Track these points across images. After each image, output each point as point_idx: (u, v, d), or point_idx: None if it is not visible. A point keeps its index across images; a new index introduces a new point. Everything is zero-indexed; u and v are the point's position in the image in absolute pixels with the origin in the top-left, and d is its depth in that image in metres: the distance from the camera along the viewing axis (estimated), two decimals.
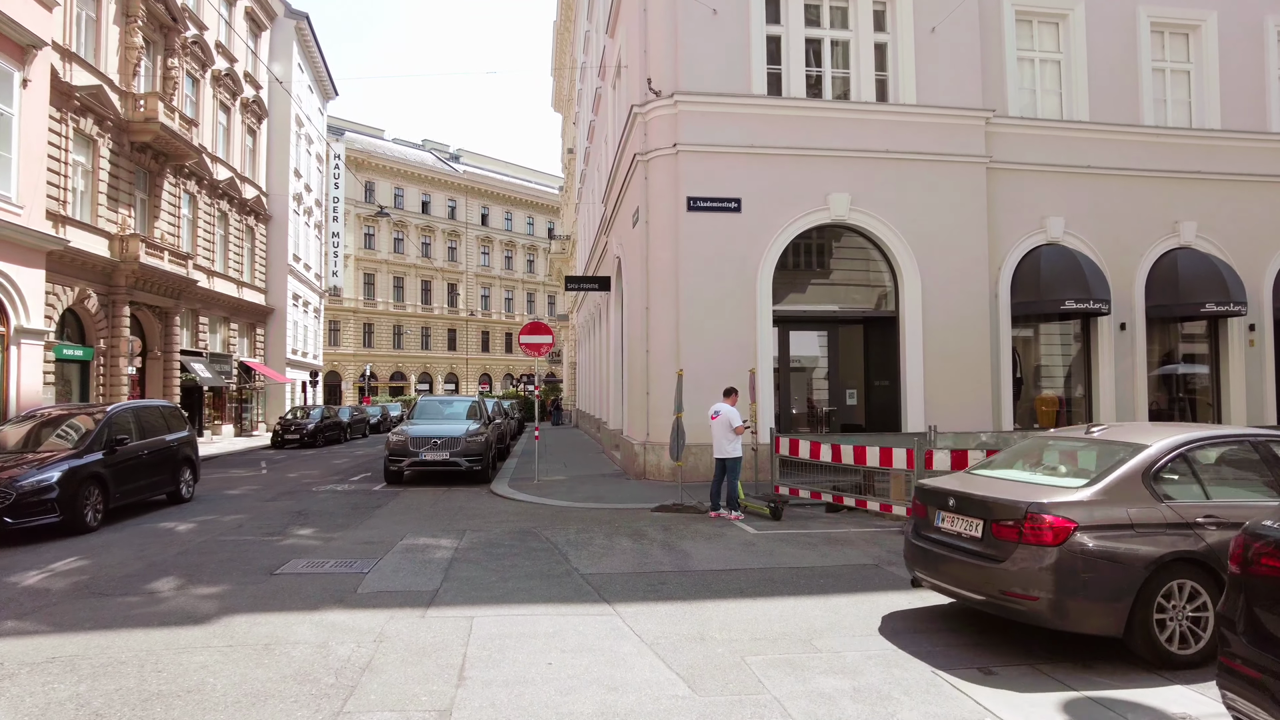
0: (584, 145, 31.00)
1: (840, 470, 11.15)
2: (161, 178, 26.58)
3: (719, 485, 10.72)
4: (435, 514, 11.17)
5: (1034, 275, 15.17)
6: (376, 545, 8.75)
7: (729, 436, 10.47)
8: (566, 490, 13.42)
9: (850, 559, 7.99)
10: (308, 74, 42.51)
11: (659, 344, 14.25)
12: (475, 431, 14.93)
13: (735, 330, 14.00)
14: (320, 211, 46.51)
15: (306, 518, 10.97)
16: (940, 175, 14.90)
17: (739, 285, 14.07)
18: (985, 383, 14.95)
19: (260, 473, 18.19)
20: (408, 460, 14.38)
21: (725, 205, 14.07)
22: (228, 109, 32.50)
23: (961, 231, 14.96)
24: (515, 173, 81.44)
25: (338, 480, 15.97)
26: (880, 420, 15.39)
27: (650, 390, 14.38)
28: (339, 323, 63.39)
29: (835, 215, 14.45)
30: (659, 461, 14.09)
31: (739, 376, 12.98)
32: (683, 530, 9.58)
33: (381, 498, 13.05)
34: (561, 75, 47.08)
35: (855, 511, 10.93)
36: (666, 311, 14.13)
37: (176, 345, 27.20)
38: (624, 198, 16.81)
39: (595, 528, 9.78)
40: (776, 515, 10.41)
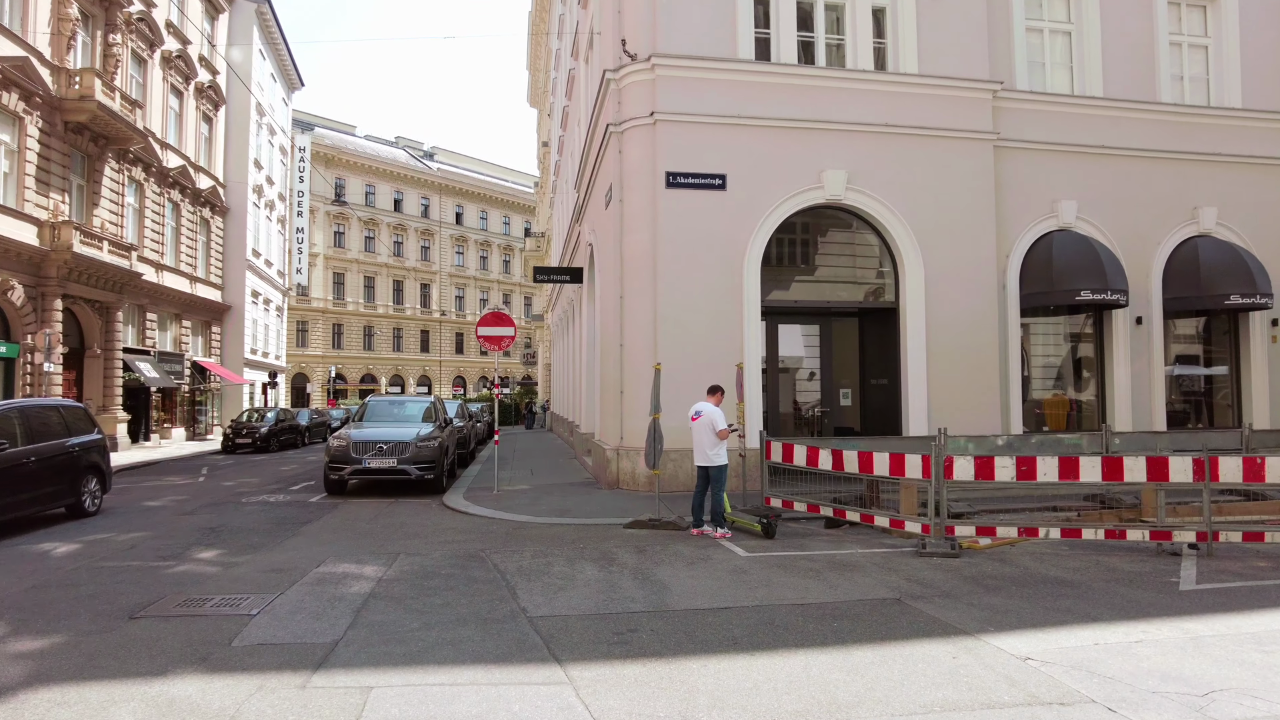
0: (558, 134, 29.45)
1: (837, 479, 9.70)
2: (102, 162, 24.68)
3: (702, 497, 9.21)
4: (370, 532, 9.56)
5: (1045, 264, 13.83)
6: (285, 574, 7.15)
7: (713, 441, 8.96)
8: (528, 502, 11.85)
9: (865, 591, 6.50)
10: (270, 62, 40.60)
11: (634, 338, 12.73)
12: (428, 436, 13.32)
13: (719, 322, 12.52)
14: (284, 206, 44.53)
15: (218, 536, 9.32)
16: (944, 153, 13.53)
17: (723, 272, 12.60)
18: (993, 381, 13.58)
19: (196, 480, 16.45)
20: (349, 468, 12.75)
21: (708, 182, 12.59)
22: (180, 93, 30.59)
23: (967, 215, 13.60)
24: (491, 171, 79.66)
25: (275, 489, 14.28)
26: (877, 422, 13.97)
27: (625, 389, 12.86)
28: (307, 323, 61.32)
29: (830, 194, 13.02)
30: (634, 469, 12.57)
31: (724, 374, 11.49)
32: (660, 552, 8.05)
33: (315, 511, 11.41)
34: (537, 69, 45.60)
35: (858, 527, 9.48)
36: (643, 301, 12.62)
37: (118, 343, 25.27)
38: (597, 177, 15.28)
39: (556, 550, 8.23)
40: (769, 533, 8.92)
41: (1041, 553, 8.13)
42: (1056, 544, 8.47)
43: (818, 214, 13.72)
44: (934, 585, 6.69)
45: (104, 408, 24.71)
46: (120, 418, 24.97)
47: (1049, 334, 15.42)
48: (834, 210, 13.62)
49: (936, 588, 6.61)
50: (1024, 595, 6.33)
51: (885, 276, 13.90)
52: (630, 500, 11.66)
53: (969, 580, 6.87)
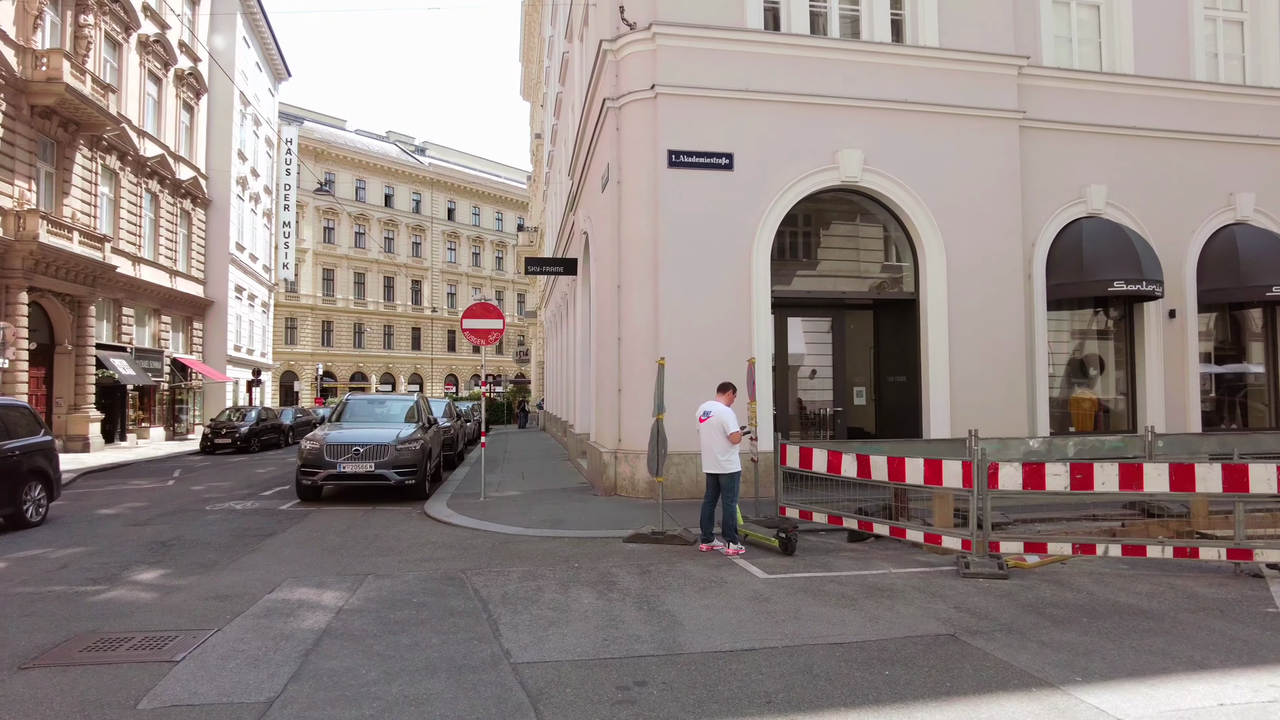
0: (550, 123, 28.39)
1: (855, 486, 8.72)
2: (73, 149, 23.52)
3: (712, 508, 8.21)
4: (339, 547, 8.53)
5: (1074, 252, 12.87)
6: (230, 602, 6.12)
7: (724, 445, 7.95)
8: (518, 511, 10.83)
9: (912, 624, 5.51)
10: (255, 50, 39.42)
11: (633, 331, 11.72)
12: (409, 438, 12.28)
13: (726, 314, 11.51)
14: (270, 200, 43.35)
15: (167, 552, 8.27)
16: (967, 132, 12.55)
17: (730, 259, 11.60)
18: (1019, 379, 12.61)
19: (164, 484, 15.37)
20: (323, 473, 11.71)
21: (714, 162, 11.59)
22: (158, 80, 29.41)
23: (992, 200, 12.62)
24: (484, 166, 78.52)
25: (246, 495, 13.23)
26: (895, 423, 12.99)
27: (623, 387, 11.85)
28: (296, 320, 60.14)
29: (846, 176, 12.03)
30: (633, 474, 11.56)
31: (732, 370, 10.51)
32: (666, 574, 7.04)
33: (283, 521, 10.37)
34: (530, 61, 44.53)
35: (885, 541, 8.50)
36: (642, 291, 11.61)
37: (91, 338, 24.11)
38: (592, 159, 14.26)
39: (547, 570, 7.21)
40: (788, 549, 7.92)
41: (1100, 573, 7.16)
42: (1114, 562, 7.50)
43: (830, 198, 12.74)
44: (990, 616, 5.70)
45: (76, 406, 23.60)
46: (93, 417, 23.84)
47: (1073, 328, 14.45)
48: (848, 194, 12.64)
49: (994, 619, 5.62)
50: (1101, 630, 5.35)
51: (903, 266, 12.93)
52: (629, 509, 10.65)
53: (1029, 609, 5.89)
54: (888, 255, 13.14)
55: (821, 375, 13.67)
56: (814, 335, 13.85)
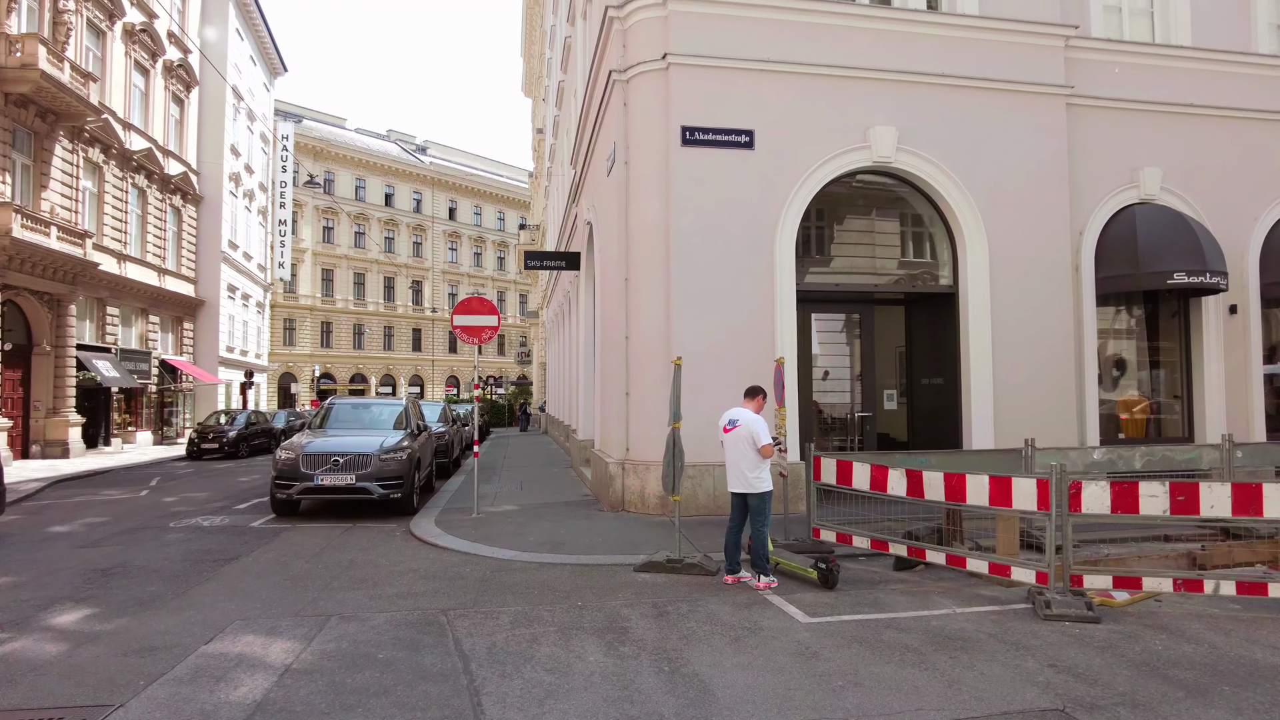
0: (552, 114, 27.26)
1: (888, 502, 7.56)
2: (52, 140, 22.43)
3: (738, 534, 7.03)
4: (306, 576, 7.37)
5: (1128, 242, 11.68)
6: (154, 657, 4.97)
7: (754, 460, 6.77)
8: (514, 530, 9.66)
9: (1004, 692, 4.34)
10: (249, 43, 38.35)
11: (642, 328, 10.55)
12: (395, 446, 11.12)
13: (746, 309, 10.34)
14: (266, 197, 42.27)
15: (107, 583, 7.13)
16: (1009, 109, 11.38)
17: (751, 248, 10.43)
18: (1068, 381, 11.43)
19: (136, 495, 14.23)
20: (299, 486, 10.55)
21: (733, 139, 10.42)
22: (146, 71, 28.33)
23: (1036, 183, 11.45)
24: (486, 166, 77.43)
25: (219, 508, 12.09)
26: (929, 430, 11.82)
27: (631, 390, 10.68)
28: (295, 321, 59.09)
29: (878, 156, 10.86)
30: (642, 488, 10.38)
31: (753, 372, 9.36)
32: (689, 616, 5.88)
33: (251, 541, 9.22)
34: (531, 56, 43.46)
35: (935, 569, 7.33)
36: (653, 284, 10.45)
37: (71, 339, 23.01)
38: (597, 141, 13.10)
39: (544, 610, 6.04)
40: (829, 582, 6.75)
41: (1210, 615, 5.97)
42: (1219, 600, 6.31)
43: (857, 182, 11.59)
44: (1100, 680, 4.53)
45: (54, 410, 22.51)
46: (73, 421, 22.74)
47: (1120, 324, 13.26)
48: (878, 177, 11.48)
49: (1107, 685, 4.45)
50: (1258, 706, 4.17)
51: (939, 257, 11.76)
52: (639, 528, 9.48)
53: (1146, 670, 4.71)
54: (921, 245, 11.97)
55: (836, 376, 12.46)
56: (827, 333, 12.68)
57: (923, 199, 11.52)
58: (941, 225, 11.53)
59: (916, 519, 8.23)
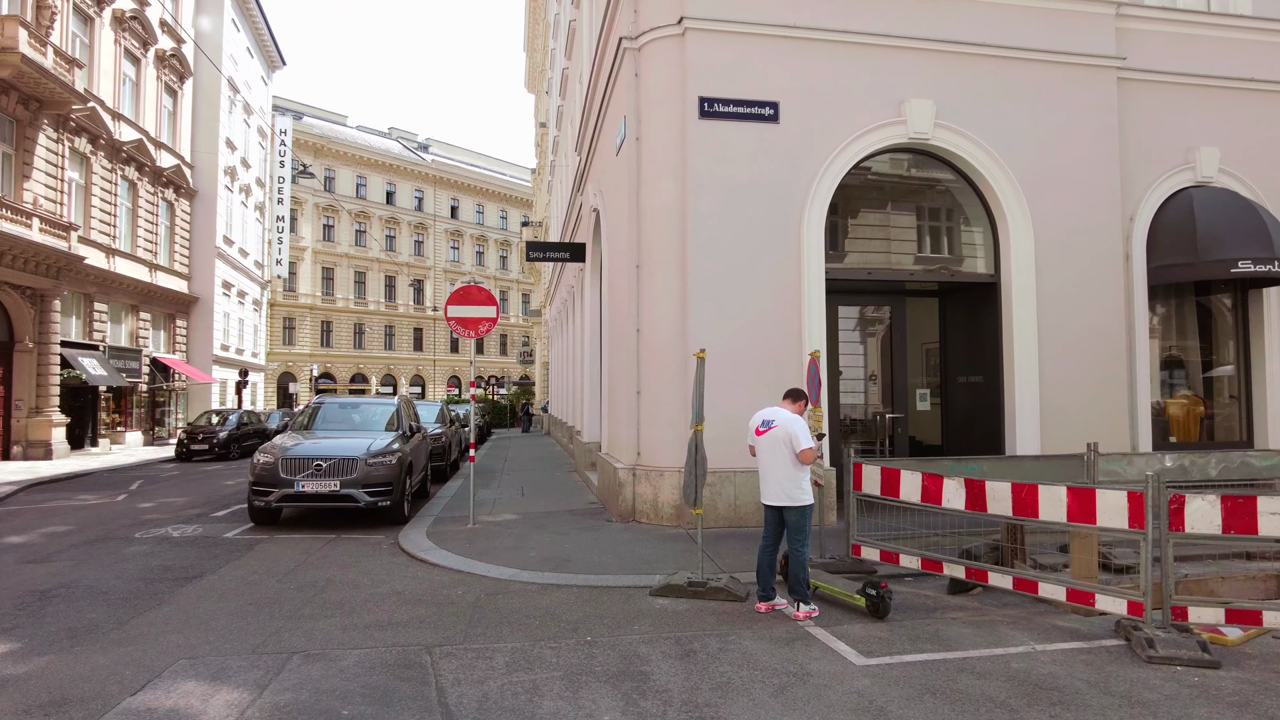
0: (555, 106, 26.33)
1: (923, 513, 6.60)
2: (35, 129, 21.52)
3: (773, 554, 6.05)
4: (274, 600, 6.42)
5: (1184, 227, 10.70)
6: (67, 711, 4.03)
7: (792, 468, 5.80)
8: (514, 542, 8.69)
9: None
10: (246, 35, 37.47)
11: (656, 320, 9.58)
12: (384, 450, 10.16)
13: (770, 299, 9.37)
14: (263, 193, 41.38)
15: (42, 608, 6.18)
16: (1055, 82, 10.41)
17: (776, 232, 9.46)
18: (1119, 378, 10.45)
19: (111, 500, 13.31)
20: (278, 493, 9.59)
21: (755, 112, 9.46)
22: (136, 60, 27.44)
23: (1084, 163, 10.48)
24: (488, 164, 76.53)
25: (195, 515, 11.15)
26: (966, 433, 10.85)
27: (642, 389, 9.71)
28: (295, 320, 58.23)
29: (915, 132, 9.88)
30: (655, 497, 9.40)
31: (778, 368, 8.40)
32: (719, 655, 4.91)
33: (221, 555, 8.27)
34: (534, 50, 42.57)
35: (994, 592, 6.36)
36: (667, 271, 9.48)
37: (55, 335, 22.10)
38: (605, 117, 12.14)
39: (548, 649, 5.08)
40: (880, 611, 5.77)
41: None
42: None
43: (888, 160, 10.63)
44: None
45: (37, 409, 21.60)
46: (56, 421, 21.82)
47: (1167, 317, 12.27)
48: (913, 154, 10.52)
49: None
50: None
51: (977, 244, 10.78)
52: (653, 542, 8.51)
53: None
54: (957, 231, 10.99)
55: (849, 376, 11.47)
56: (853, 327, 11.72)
57: (960, 179, 10.55)
58: (981, 209, 10.56)
59: (959, 532, 7.28)
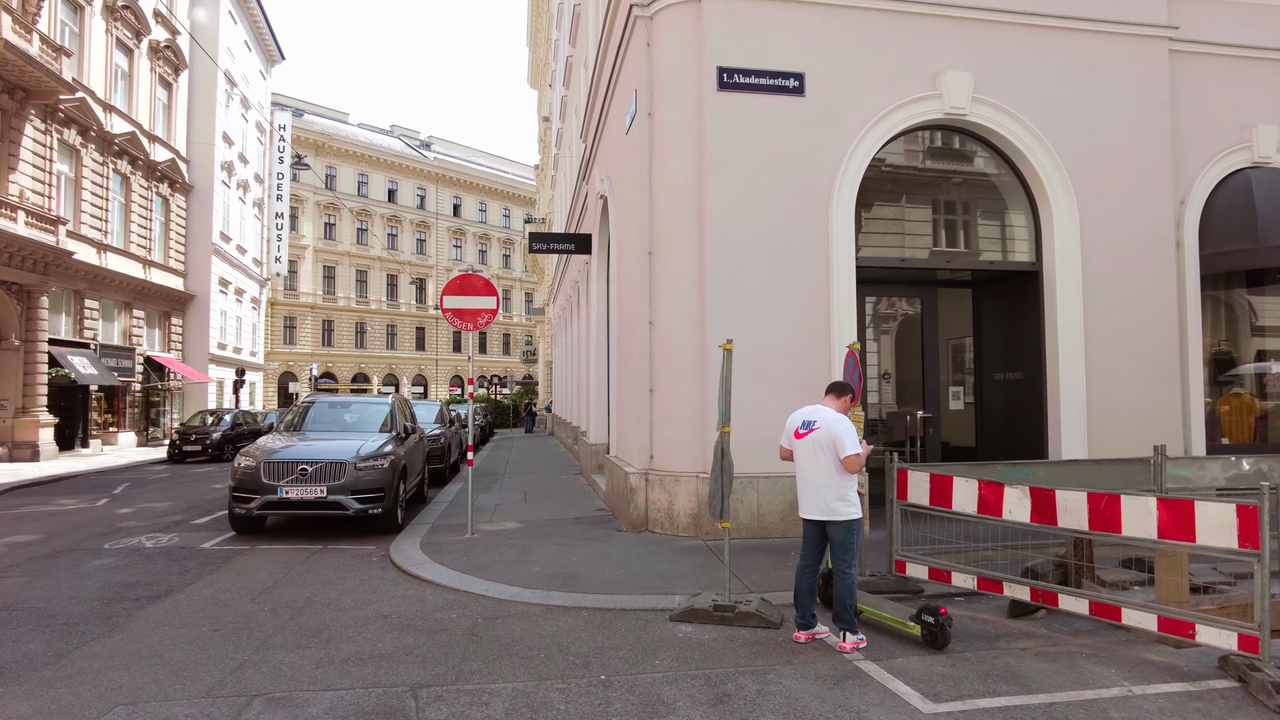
0: (560, 97, 25.56)
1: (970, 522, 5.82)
2: (21, 120, 20.81)
3: (813, 574, 5.24)
4: (245, 624, 5.65)
5: (1243, 211, 9.89)
6: None
7: (836, 476, 5.00)
8: (516, 555, 7.90)
9: None
10: (244, 28, 36.77)
11: (670, 310, 8.80)
12: (375, 454, 9.38)
13: (797, 287, 8.58)
14: (262, 189, 40.68)
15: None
16: (1102, 53, 9.60)
17: (801, 214, 8.67)
18: (1172, 375, 9.64)
19: (91, 505, 12.56)
20: (260, 499, 8.82)
21: (779, 84, 8.66)
22: (129, 51, 26.72)
23: (1133, 141, 9.67)
24: (491, 162, 75.75)
25: (174, 523, 10.39)
26: (1003, 434, 10.05)
27: (655, 386, 8.93)
28: (296, 319, 57.51)
29: (951, 107, 9.08)
30: (670, 504, 8.61)
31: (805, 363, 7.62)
32: (758, 702, 4.13)
33: (193, 569, 7.50)
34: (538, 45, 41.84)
35: (1060, 615, 5.56)
36: (683, 257, 8.69)
37: (43, 333, 21.38)
38: (614, 95, 11.36)
39: (554, 691, 4.30)
40: (938, 640, 4.98)
41: None
42: None
43: (917, 139, 9.83)
44: None
45: (24, 409, 20.89)
46: (44, 421, 21.10)
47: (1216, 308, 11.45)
48: (949, 131, 9.72)
49: None
50: None
51: (1014, 230, 9.98)
52: (669, 555, 7.71)
53: None
54: (992, 215, 10.18)
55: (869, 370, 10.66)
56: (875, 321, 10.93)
57: (998, 158, 9.74)
58: (1021, 191, 9.75)
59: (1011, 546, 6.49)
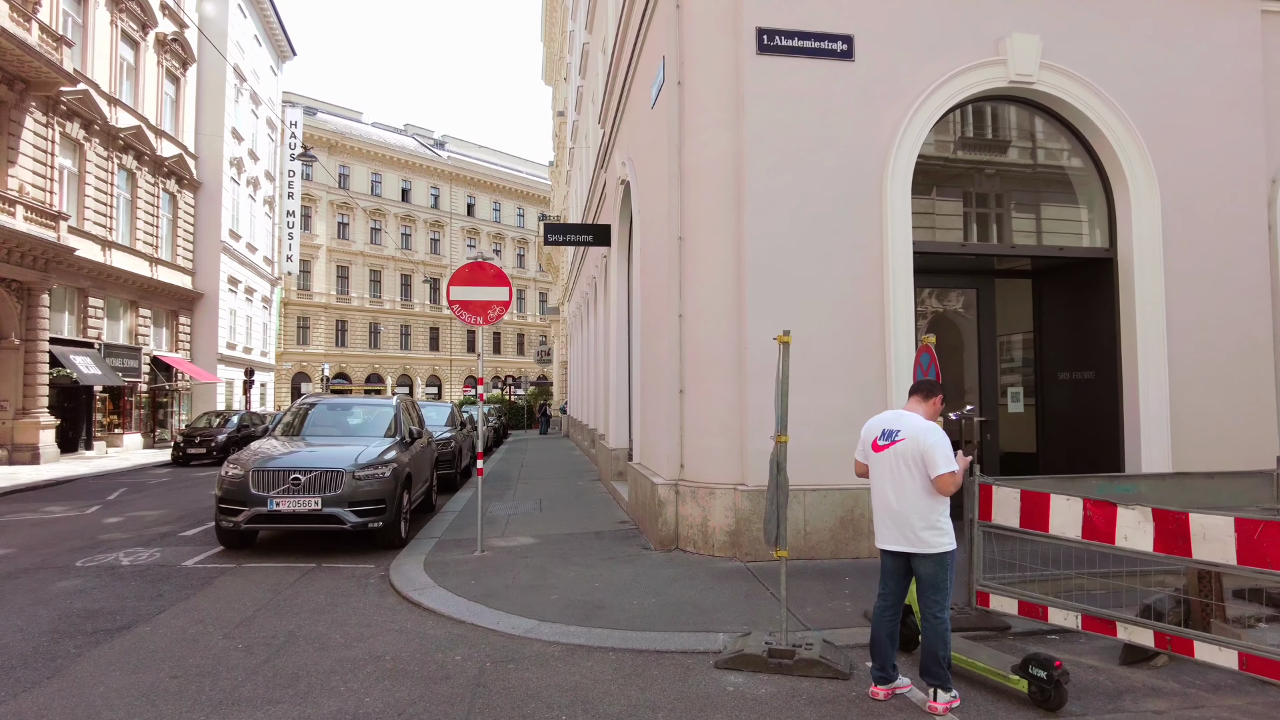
0: (575, 88, 24.68)
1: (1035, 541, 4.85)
2: (21, 112, 20.16)
3: (894, 618, 4.27)
4: (212, 669, 4.76)
5: None
6: None
7: (927, 499, 4.03)
8: (531, 579, 6.98)
9: None
10: (254, 22, 36.15)
11: (703, 302, 7.85)
12: (377, 460, 8.50)
13: (848, 275, 7.62)
14: (272, 187, 40.08)
15: None
16: (1185, 15, 8.59)
17: (852, 192, 7.71)
18: (1267, 375, 8.61)
19: (81, 513, 11.79)
20: (247, 512, 7.95)
21: (825, 47, 7.71)
22: (135, 44, 26.09)
23: (1221, 114, 8.64)
24: (505, 161, 75.07)
25: (161, 535, 9.57)
26: (1069, 441, 9.04)
27: (687, 386, 7.99)
28: (309, 319, 56.92)
29: (1017, 73, 8.10)
30: (704, 520, 7.66)
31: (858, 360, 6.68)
32: None
33: (170, 592, 6.64)
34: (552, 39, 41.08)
35: (1182, 663, 4.58)
36: (718, 242, 7.75)
37: (43, 331, 20.72)
38: (635, 72, 10.43)
39: None
40: (1050, 699, 4.01)
41: None
42: None
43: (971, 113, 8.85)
44: None
45: (24, 410, 20.23)
46: (44, 423, 20.43)
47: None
48: (1009, 101, 8.73)
49: None
50: None
51: (1082, 213, 8.98)
52: (705, 580, 6.77)
53: None
54: (1056, 197, 9.18)
55: None
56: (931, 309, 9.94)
57: (1068, 134, 8.74)
58: (1093, 169, 8.75)
59: (1105, 574, 5.50)
